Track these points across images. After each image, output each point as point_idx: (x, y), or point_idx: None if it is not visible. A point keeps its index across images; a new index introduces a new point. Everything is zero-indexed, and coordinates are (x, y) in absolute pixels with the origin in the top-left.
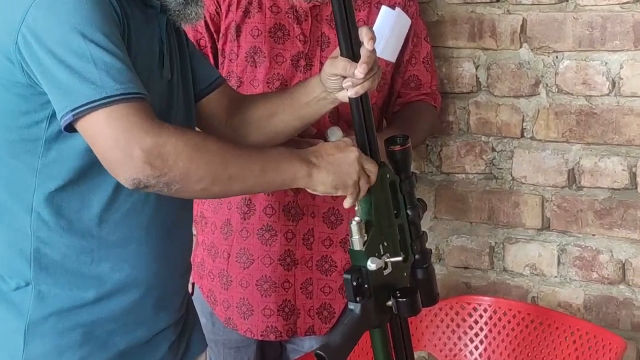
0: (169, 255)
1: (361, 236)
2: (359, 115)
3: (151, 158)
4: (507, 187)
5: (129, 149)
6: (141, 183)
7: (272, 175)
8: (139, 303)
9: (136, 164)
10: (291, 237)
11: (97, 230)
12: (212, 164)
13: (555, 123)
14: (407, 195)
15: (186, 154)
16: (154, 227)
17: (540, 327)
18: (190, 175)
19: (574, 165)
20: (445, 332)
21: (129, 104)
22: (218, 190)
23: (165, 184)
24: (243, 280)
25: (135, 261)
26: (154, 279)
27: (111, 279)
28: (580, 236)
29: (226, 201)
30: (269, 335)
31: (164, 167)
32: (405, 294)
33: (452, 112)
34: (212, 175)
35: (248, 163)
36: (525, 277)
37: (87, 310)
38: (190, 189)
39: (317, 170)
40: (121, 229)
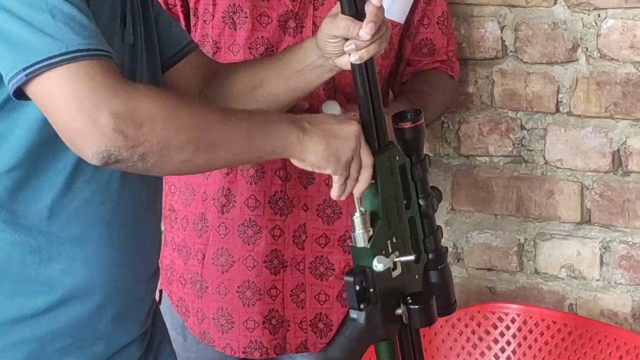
0: (134, 257)
1: (365, 230)
2: (363, 86)
3: (122, 124)
4: (539, 172)
5: (96, 114)
6: (112, 156)
7: (260, 140)
8: (97, 313)
9: (105, 132)
10: (279, 235)
11: (47, 225)
12: (195, 128)
13: (597, 95)
14: (419, 182)
15: (163, 118)
16: (116, 222)
17: (579, 340)
18: (170, 143)
19: (619, 146)
20: (465, 347)
21: (93, 62)
22: (202, 160)
23: (141, 157)
24: (221, 287)
25: (92, 263)
26: (115, 284)
27: (64, 284)
28: (627, 231)
29: (200, 191)
30: (252, 352)
31: (139, 134)
32: (417, 300)
33: (472, 83)
34: (195, 141)
35: (234, 126)
36: (561, 280)
37: (35, 322)
38: (171, 160)
39: (308, 137)
40: (76, 224)
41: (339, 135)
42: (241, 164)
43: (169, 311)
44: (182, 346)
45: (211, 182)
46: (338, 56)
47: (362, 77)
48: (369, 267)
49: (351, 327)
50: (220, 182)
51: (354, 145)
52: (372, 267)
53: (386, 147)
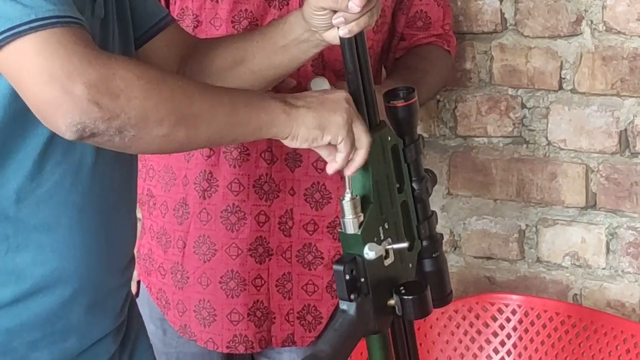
0: (107, 245)
1: (356, 216)
2: (352, 62)
3: (98, 95)
4: (542, 153)
5: (70, 84)
6: (87, 129)
7: (244, 114)
8: (69, 305)
9: (80, 104)
10: (264, 221)
11: (14, 211)
12: (174, 100)
13: (602, 71)
14: (413, 164)
15: (141, 88)
16: (88, 208)
17: (584, 332)
18: (149, 116)
19: (626, 125)
20: (463, 341)
21: (65, 29)
22: (182, 135)
23: (117, 130)
24: (203, 277)
25: (63, 251)
26: (87, 274)
27: (33, 273)
28: (635, 216)
29: (181, 175)
30: (237, 346)
31: (115, 105)
32: (411, 291)
33: (470, 58)
34: (175, 114)
35: (215, 99)
36: (565, 269)
37: (1, 314)
38: (149, 135)
39: (295, 109)
40: (46, 210)
41: (328, 100)
42: (225, 142)
43: (148, 303)
44: (161, 340)
45: (192, 165)
46: (326, 30)
47: (352, 52)
48: (360, 255)
49: (341, 320)
50: (201, 165)
51: (346, 106)
52: (363, 255)
53: (377, 127)
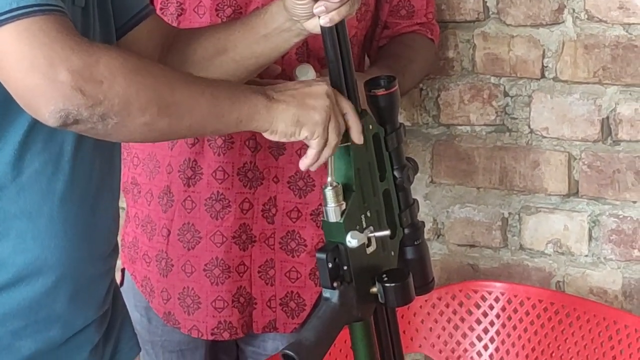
0: (89, 233)
1: (338, 204)
2: (334, 50)
3: (81, 81)
4: (524, 142)
5: (53, 71)
6: (70, 116)
7: (226, 107)
8: (52, 293)
9: (63, 90)
10: (248, 208)
11: None
12: (156, 88)
13: (584, 59)
14: (394, 152)
15: (124, 76)
16: (69, 196)
17: (567, 319)
18: (131, 103)
19: (608, 113)
20: (446, 329)
21: (46, 17)
22: (165, 124)
23: (101, 117)
24: (187, 265)
25: (45, 239)
26: (69, 262)
27: (14, 262)
28: (617, 204)
29: (165, 163)
30: (221, 333)
31: (98, 92)
32: (394, 278)
33: (452, 47)
34: (157, 102)
35: (198, 89)
36: (548, 256)
37: None
38: (132, 122)
39: (275, 104)
40: (27, 198)
41: (308, 96)
42: (206, 134)
43: (133, 292)
44: (146, 328)
45: (176, 153)
46: (307, 19)
47: (333, 41)
48: (342, 243)
49: (324, 307)
50: (186, 153)
51: (327, 102)
52: (345, 243)
53: (359, 115)
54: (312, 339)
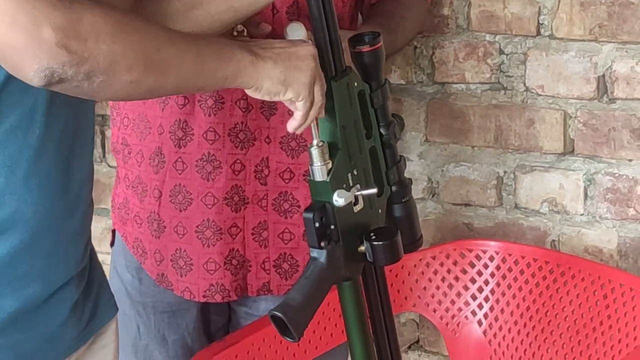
0: (65, 187)
1: (324, 163)
2: (317, 7)
3: (65, 39)
4: (520, 100)
5: (36, 29)
6: (55, 75)
7: (212, 63)
8: (29, 249)
9: (48, 48)
10: (239, 169)
11: None
12: (142, 46)
13: (580, 16)
14: (380, 109)
15: (109, 32)
16: (45, 151)
17: (562, 278)
18: (117, 60)
19: (604, 71)
20: (441, 288)
21: None
22: (151, 81)
23: (86, 75)
24: (179, 226)
25: (21, 194)
26: (46, 217)
27: None
28: (613, 162)
29: (156, 124)
30: (213, 295)
31: (84, 50)
32: (381, 236)
33: (447, 4)
34: (143, 59)
35: (183, 46)
36: (543, 215)
37: None
38: (118, 80)
39: (262, 61)
40: (5, 153)
41: (294, 56)
42: (192, 91)
43: (124, 253)
44: (137, 289)
45: (167, 114)
46: None
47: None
48: (329, 202)
49: (312, 267)
50: (176, 114)
51: (313, 64)
52: (332, 202)
53: (343, 73)
54: (299, 299)
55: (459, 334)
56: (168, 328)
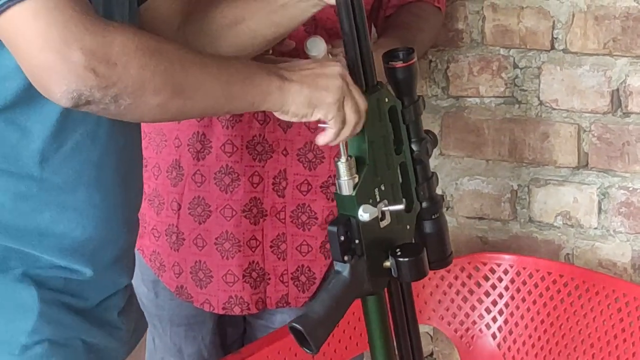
0: (123, 201)
1: (351, 177)
2: (348, 21)
3: (95, 62)
4: (534, 113)
5: (66, 50)
6: (82, 97)
7: (239, 89)
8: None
9: (76, 70)
10: (258, 182)
11: (38, 171)
12: (170, 70)
13: (594, 31)
14: (412, 125)
15: (138, 57)
16: (106, 167)
17: (576, 291)
18: (145, 85)
19: (619, 85)
20: (455, 301)
21: None
22: (178, 106)
23: (113, 98)
24: (198, 239)
25: (84, 209)
26: (106, 232)
27: (54, 232)
28: (627, 176)
29: (172, 137)
30: (232, 308)
31: (112, 73)
32: (407, 253)
33: (462, 18)
34: (171, 84)
35: (211, 70)
36: (557, 229)
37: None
38: (145, 104)
39: (289, 84)
40: (68, 168)
41: (322, 77)
42: (219, 114)
43: (140, 266)
44: (154, 303)
45: (184, 127)
46: None
47: (348, 12)
48: (354, 216)
49: (334, 281)
50: (194, 127)
51: (340, 83)
52: (357, 216)
53: (374, 88)
54: (320, 312)
55: (473, 347)
56: (184, 341)
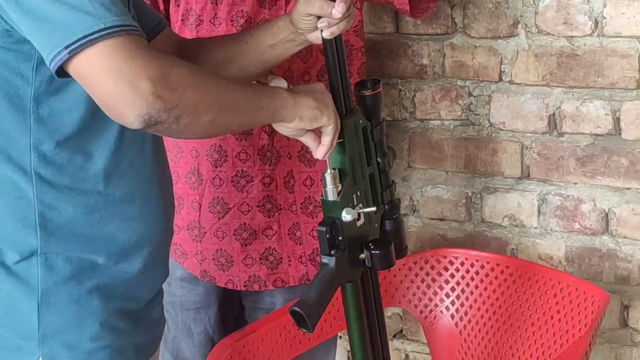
0: (167, 208)
1: (335, 186)
2: (333, 57)
3: (160, 89)
4: (485, 133)
5: (136, 81)
6: (152, 119)
7: (265, 101)
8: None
9: (146, 97)
10: (269, 182)
11: (103, 187)
12: (217, 91)
13: (535, 66)
14: (378, 142)
15: (192, 82)
16: (155, 180)
17: (519, 280)
18: (199, 105)
19: (554, 110)
20: (420, 287)
21: (127, 36)
22: (224, 121)
23: (176, 118)
24: (219, 231)
25: (141, 217)
26: (158, 236)
27: (120, 239)
28: (561, 185)
29: (188, 149)
30: (252, 285)
31: (174, 97)
32: (379, 246)
33: (426, 55)
34: (218, 103)
35: (245, 90)
36: (504, 228)
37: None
38: (199, 121)
39: (299, 96)
40: (126, 183)
41: (317, 92)
42: (251, 125)
43: None
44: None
45: (202, 140)
46: (310, 32)
47: (332, 50)
48: (338, 217)
49: (323, 271)
50: (211, 140)
51: (330, 95)
52: (340, 218)
53: (352, 112)
54: (314, 297)
55: (435, 325)
56: (193, 322)
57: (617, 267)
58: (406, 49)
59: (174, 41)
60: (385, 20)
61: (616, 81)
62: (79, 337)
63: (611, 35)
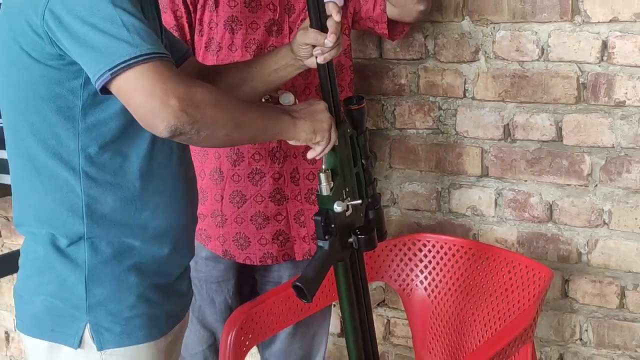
0: (191, 201)
1: (328, 183)
2: (325, 79)
3: (185, 106)
4: (452, 140)
5: (166, 99)
6: (177, 130)
7: (272, 124)
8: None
9: (174, 112)
10: (278, 177)
11: (138, 182)
12: (233, 110)
13: (492, 85)
14: (362, 147)
15: (213, 102)
16: (180, 177)
17: (479, 260)
18: (218, 121)
19: (508, 121)
20: (399, 265)
21: (160, 62)
22: (237, 135)
23: (197, 130)
24: (238, 218)
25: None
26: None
27: (152, 225)
28: (514, 182)
29: (213, 151)
30: (266, 260)
31: (197, 113)
32: (364, 232)
33: (404, 76)
34: (233, 120)
35: (255, 111)
36: (467, 217)
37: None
38: (216, 134)
39: (298, 121)
40: (157, 179)
41: (317, 112)
42: (257, 141)
43: None
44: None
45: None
46: (307, 58)
47: (325, 73)
48: (331, 209)
49: (319, 253)
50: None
51: (328, 115)
52: (333, 209)
53: (342, 123)
54: (312, 274)
55: (412, 296)
56: (215, 293)
57: (559, 248)
58: (388, 71)
59: (198, 67)
60: (370, 47)
61: (559, 97)
62: (119, 307)
63: (555, 60)
